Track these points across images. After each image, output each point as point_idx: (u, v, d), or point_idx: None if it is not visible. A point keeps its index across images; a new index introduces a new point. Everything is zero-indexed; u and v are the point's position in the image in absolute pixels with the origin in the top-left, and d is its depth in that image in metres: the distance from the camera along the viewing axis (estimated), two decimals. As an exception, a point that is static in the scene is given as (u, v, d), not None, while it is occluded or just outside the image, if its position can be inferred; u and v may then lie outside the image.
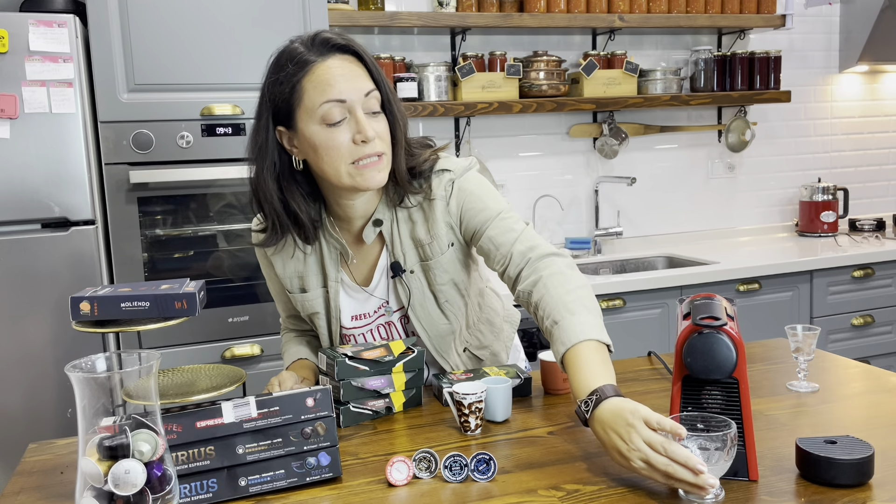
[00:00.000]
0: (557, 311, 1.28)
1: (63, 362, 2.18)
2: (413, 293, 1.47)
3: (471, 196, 1.43)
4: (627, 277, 2.90)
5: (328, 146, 1.31)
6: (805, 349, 1.47)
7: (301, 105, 1.31)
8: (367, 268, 1.50)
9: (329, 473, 1.16)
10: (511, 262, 1.39)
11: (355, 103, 1.30)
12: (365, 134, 1.30)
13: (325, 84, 1.29)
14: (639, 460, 1.05)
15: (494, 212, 1.42)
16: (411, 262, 1.46)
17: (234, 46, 2.36)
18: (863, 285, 3.28)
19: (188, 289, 1.28)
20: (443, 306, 1.49)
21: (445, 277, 1.47)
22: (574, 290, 1.30)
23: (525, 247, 1.39)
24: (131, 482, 0.88)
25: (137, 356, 0.93)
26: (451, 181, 1.43)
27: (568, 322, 1.25)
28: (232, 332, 2.45)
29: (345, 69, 1.31)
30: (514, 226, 1.42)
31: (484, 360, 1.63)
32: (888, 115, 4.04)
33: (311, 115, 1.31)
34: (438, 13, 2.98)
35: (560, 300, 1.29)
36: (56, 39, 2.17)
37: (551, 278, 1.33)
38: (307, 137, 1.32)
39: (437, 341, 1.52)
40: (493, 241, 1.41)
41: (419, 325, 1.49)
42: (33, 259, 2.23)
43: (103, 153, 2.29)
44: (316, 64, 1.30)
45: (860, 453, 1.07)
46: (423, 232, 1.44)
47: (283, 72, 1.31)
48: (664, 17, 3.27)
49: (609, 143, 3.42)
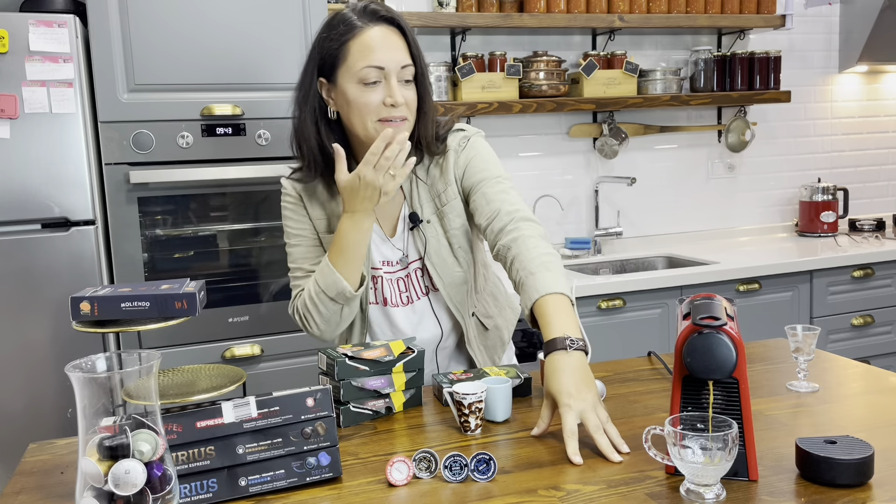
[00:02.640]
0: (534, 264, 1.43)
1: (63, 362, 2.18)
2: (429, 241, 1.59)
3: (478, 156, 1.59)
4: (627, 277, 2.90)
5: (360, 102, 1.45)
6: (805, 349, 1.47)
7: (344, 63, 1.45)
8: (390, 221, 1.62)
9: (329, 473, 1.16)
10: (497, 217, 1.53)
11: (391, 71, 1.44)
12: (395, 98, 1.44)
13: (368, 49, 1.43)
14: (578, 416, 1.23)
15: (494, 174, 1.57)
16: (428, 213, 1.59)
17: (234, 46, 2.36)
18: (863, 285, 3.28)
19: (188, 289, 1.28)
20: (456, 252, 1.60)
21: (458, 222, 1.60)
22: (549, 254, 1.46)
23: (513, 208, 1.54)
24: (131, 482, 0.88)
25: (137, 356, 0.93)
26: (466, 138, 1.60)
27: (544, 276, 1.41)
28: (232, 332, 2.45)
29: (388, 39, 1.45)
30: (509, 190, 1.57)
31: (489, 331, 1.70)
32: (888, 115, 4.04)
33: (351, 74, 1.45)
34: (438, 13, 2.98)
35: (538, 258, 1.44)
36: (56, 39, 2.17)
37: (530, 239, 1.48)
38: (344, 92, 1.46)
39: (453, 290, 1.61)
40: (485, 197, 1.55)
41: (436, 274, 1.59)
42: (33, 259, 2.23)
43: (103, 153, 2.29)
44: (363, 29, 1.44)
45: (860, 453, 1.07)
46: (439, 182, 1.59)
47: (335, 31, 1.46)
48: (664, 17, 3.27)
49: (609, 143, 3.42)
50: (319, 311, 1.52)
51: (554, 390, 1.27)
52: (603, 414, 1.24)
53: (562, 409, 1.24)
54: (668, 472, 1.13)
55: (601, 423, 1.23)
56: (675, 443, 1.04)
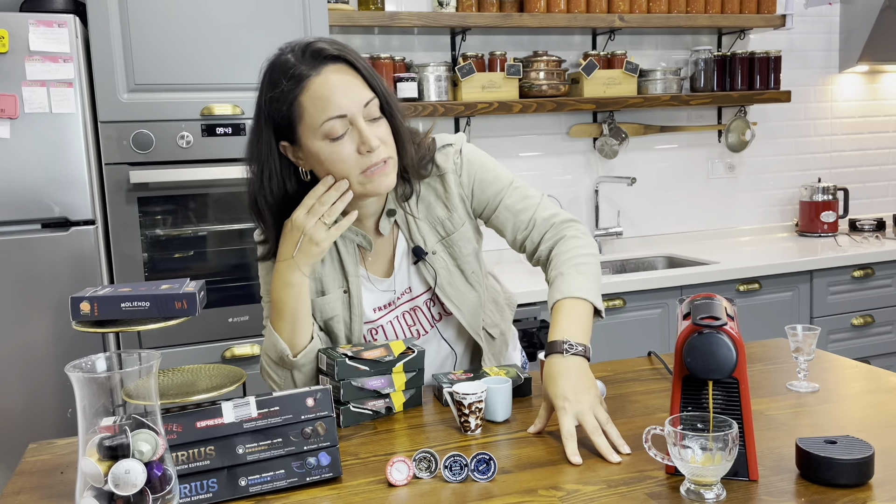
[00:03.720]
0: (567, 266, 1.40)
1: (63, 362, 2.18)
2: (439, 273, 1.49)
3: (481, 168, 1.49)
4: (627, 277, 2.90)
5: (334, 160, 1.31)
6: (805, 349, 1.47)
7: (302, 122, 1.31)
8: (384, 260, 1.51)
9: (329, 473, 1.16)
10: (535, 227, 1.48)
11: (356, 114, 1.30)
12: (369, 144, 1.30)
13: (324, 100, 1.29)
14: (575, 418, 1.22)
15: (507, 181, 1.50)
16: (431, 244, 1.49)
17: (234, 46, 2.36)
18: (863, 285, 3.28)
19: (188, 289, 1.28)
20: (470, 278, 1.52)
21: (469, 248, 1.51)
22: (587, 256, 1.42)
23: (548, 213, 1.49)
24: (131, 482, 0.88)
25: (137, 356, 0.93)
26: (458, 152, 1.48)
27: (573, 278, 1.37)
28: (232, 332, 2.45)
29: (341, 81, 1.30)
30: (528, 192, 1.51)
31: (496, 339, 1.64)
32: (888, 115, 4.04)
33: (313, 132, 1.31)
34: (438, 13, 2.98)
35: (573, 260, 1.41)
36: (56, 39, 2.17)
37: (572, 240, 1.45)
38: (312, 153, 1.32)
39: (471, 317, 1.54)
40: (511, 210, 1.48)
41: (451, 304, 1.51)
42: (33, 259, 2.23)
43: (103, 153, 2.29)
44: (311, 79, 1.29)
45: (860, 453, 1.07)
46: (440, 209, 1.48)
47: (279, 88, 1.30)
48: (664, 17, 3.27)
49: (609, 143, 3.42)
50: (272, 377, 1.43)
51: (550, 393, 1.27)
52: (602, 415, 1.24)
53: (558, 412, 1.24)
54: (668, 472, 1.13)
55: (600, 425, 1.22)
56: (675, 443, 1.04)
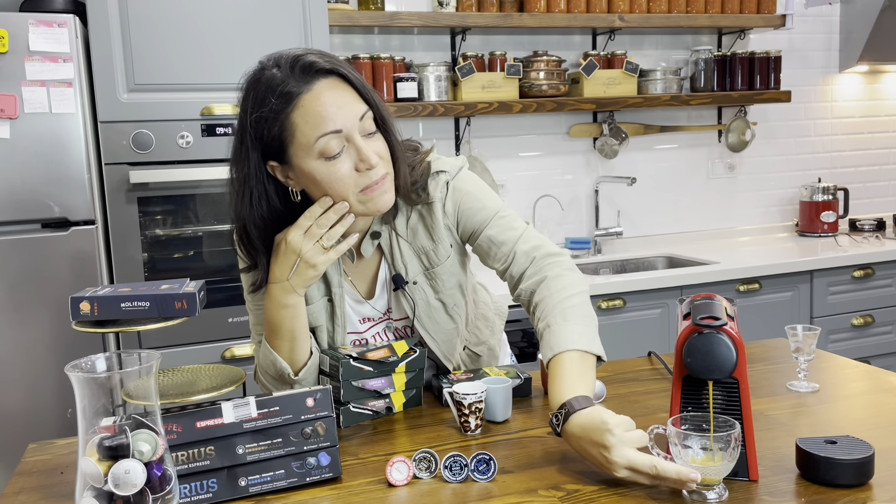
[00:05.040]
0: (553, 315, 1.29)
1: (63, 362, 2.18)
2: (418, 304, 1.44)
3: (467, 196, 1.42)
4: (627, 277, 2.90)
5: (331, 179, 1.24)
6: (805, 349, 1.47)
7: (294, 141, 1.24)
8: (366, 282, 1.47)
9: (329, 473, 1.16)
10: (514, 261, 1.40)
11: (352, 130, 1.24)
12: (369, 161, 1.24)
13: (318, 117, 1.22)
14: (624, 470, 1.07)
15: (493, 210, 1.42)
16: (413, 273, 1.43)
17: (234, 46, 2.36)
18: (863, 285, 3.28)
19: (188, 289, 1.28)
20: (451, 311, 1.48)
21: (452, 281, 1.46)
22: (574, 297, 1.32)
23: (529, 246, 1.40)
24: (131, 482, 0.88)
25: (137, 356, 0.93)
26: (447, 182, 1.41)
27: (560, 328, 1.27)
28: (232, 332, 2.45)
29: (334, 96, 1.23)
30: (514, 224, 1.42)
31: (482, 356, 1.62)
32: (888, 115, 4.04)
33: (307, 151, 1.24)
34: (438, 13, 2.98)
35: (559, 305, 1.30)
36: (56, 39, 2.17)
37: (555, 280, 1.34)
38: (307, 173, 1.25)
39: (445, 346, 1.50)
40: (492, 240, 1.41)
41: (426, 334, 1.47)
42: (33, 259, 2.23)
43: (103, 153, 2.29)
44: (302, 95, 1.22)
45: (860, 453, 1.07)
46: (425, 239, 1.42)
47: (266, 107, 1.23)
48: (664, 17, 3.27)
49: (609, 143, 3.42)
50: (268, 388, 1.40)
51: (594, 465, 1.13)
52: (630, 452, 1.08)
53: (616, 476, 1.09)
54: (668, 472, 1.13)
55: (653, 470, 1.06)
56: (677, 443, 1.04)
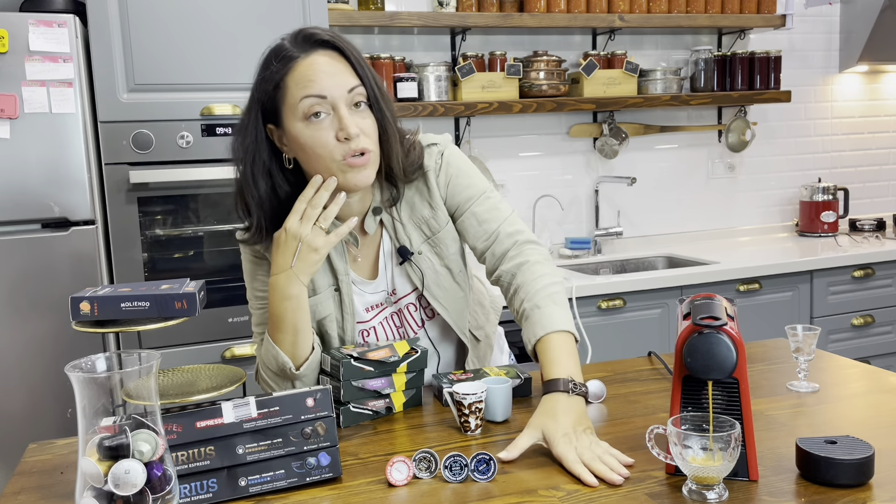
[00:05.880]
0: (541, 297, 1.36)
1: (63, 362, 2.18)
2: (426, 273, 1.47)
3: (458, 171, 1.47)
4: (627, 277, 2.90)
5: (314, 144, 1.29)
6: (805, 349, 1.47)
7: (285, 102, 1.30)
8: (369, 263, 1.49)
9: (329, 473, 1.16)
10: (497, 240, 1.45)
11: (337, 99, 1.28)
12: (347, 130, 1.27)
13: (306, 80, 1.28)
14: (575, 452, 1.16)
15: (480, 189, 1.48)
16: (417, 244, 1.47)
17: (234, 46, 2.36)
18: (863, 285, 3.28)
19: (188, 289, 1.28)
20: (457, 277, 1.51)
21: (454, 246, 1.50)
22: (556, 284, 1.40)
23: (513, 229, 1.46)
24: (131, 482, 0.88)
25: (137, 356, 0.93)
26: (441, 153, 1.47)
27: (551, 310, 1.34)
28: (232, 332, 2.45)
29: (327, 65, 1.29)
30: (499, 206, 1.48)
31: (481, 342, 1.62)
32: (888, 115, 4.04)
33: (293, 112, 1.29)
34: (438, 13, 2.98)
35: (545, 289, 1.37)
36: (56, 39, 2.17)
37: (538, 265, 1.42)
38: (294, 136, 1.31)
39: (457, 316, 1.52)
40: (477, 217, 1.46)
41: (438, 304, 1.49)
42: (33, 259, 2.23)
43: (103, 153, 2.29)
44: (298, 60, 1.29)
45: (860, 453, 1.07)
46: (424, 208, 1.47)
47: (269, 70, 1.31)
48: (664, 17, 3.27)
49: (609, 143, 3.42)
50: (270, 386, 1.40)
51: (550, 429, 1.20)
52: (598, 449, 1.17)
53: (558, 445, 1.17)
54: (668, 471, 1.13)
55: (597, 456, 1.15)
56: (677, 443, 1.04)
